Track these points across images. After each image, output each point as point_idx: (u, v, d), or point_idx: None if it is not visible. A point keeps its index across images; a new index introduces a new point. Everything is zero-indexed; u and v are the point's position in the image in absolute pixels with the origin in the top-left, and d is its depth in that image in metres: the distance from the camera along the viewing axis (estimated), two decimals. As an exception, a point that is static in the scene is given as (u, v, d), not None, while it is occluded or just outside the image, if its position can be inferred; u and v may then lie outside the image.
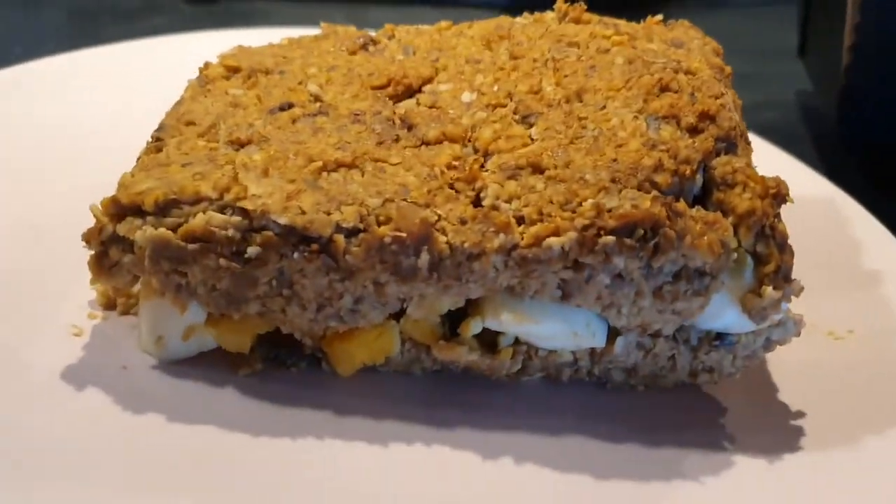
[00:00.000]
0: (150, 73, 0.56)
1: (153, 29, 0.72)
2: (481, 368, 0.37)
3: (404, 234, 0.33)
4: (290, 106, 0.40)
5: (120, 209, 0.35)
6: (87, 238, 0.35)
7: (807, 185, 0.49)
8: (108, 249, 0.35)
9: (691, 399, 0.38)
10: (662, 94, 0.38)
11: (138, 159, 0.39)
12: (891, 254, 0.45)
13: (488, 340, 0.37)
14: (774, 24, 0.83)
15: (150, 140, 0.40)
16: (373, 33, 0.48)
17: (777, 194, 0.34)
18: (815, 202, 0.49)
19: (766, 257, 0.34)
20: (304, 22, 0.79)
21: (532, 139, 0.37)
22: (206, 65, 0.45)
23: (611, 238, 0.33)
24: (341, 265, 0.34)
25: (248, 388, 0.37)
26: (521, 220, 0.34)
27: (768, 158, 0.46)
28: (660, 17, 0.47)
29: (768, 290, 0.34)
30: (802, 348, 0.38)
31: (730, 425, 0.37)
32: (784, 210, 0.37)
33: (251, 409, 0.36)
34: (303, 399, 0.36)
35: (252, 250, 0.34)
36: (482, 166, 0.36)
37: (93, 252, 0.35)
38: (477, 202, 0.35)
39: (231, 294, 0.35)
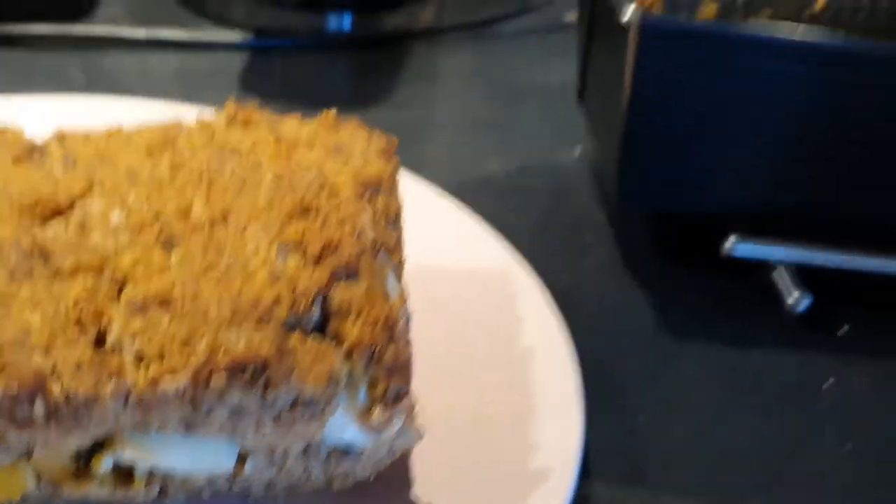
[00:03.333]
0: None
1: None
2: (118, 500, 0.38)
3: (14, 388, 0.34)
4: (-70, 236, 0.39)
5: None
6: None
7: (487, 258, 0.52)
8: None
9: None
10: (301, 217, 0.40)
11: None
12: (547, 329, 0.48)
13: (126, 470, 0.38)
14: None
15: None
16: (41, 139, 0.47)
17: (387, 322, 0.37)
18: (492, 277, 0.52)
19: (376, 381, 0.37)
20: (36, 72, 0.77)
21: (171, 268, 0.38)
22: None
23: (222, 377, 0.34)
24: (-44, 418, 0.34)
25: None
26: (143, 359, 0.35)
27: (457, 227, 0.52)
28: (333, 111, 0.49)
29: (377, 412, 0.37)
30: (444, 434, 0.42)
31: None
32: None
33: None
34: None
35: None
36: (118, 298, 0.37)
37: None
38: (101, 341, 0.36)
39: None
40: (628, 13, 0.50)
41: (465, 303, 0.50)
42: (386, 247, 0.41)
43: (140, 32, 0.84)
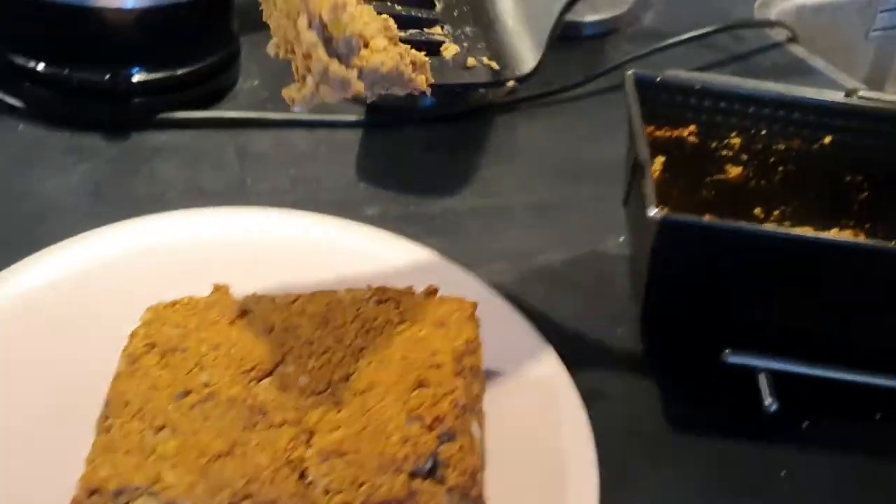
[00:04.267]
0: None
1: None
2: None
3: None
4: (189, 392, 0.63)
5: (87, 491, 0.58)
6: (74, 507, 0.59)
7: (535, 364, 0.74)
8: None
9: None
10: (419, 389, 0.63)
11: (96, 438, 0.62)
12: (578, 434, 0.70)
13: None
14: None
15: (100, 418, 0.63)
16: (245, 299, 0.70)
17: (473, 471, 0.60)
18: (537, 381, 0.73)
19: (466, 509, 0.60)
20: (200, 150, 0.99)
21: (340, 426, 0.62)
22: (134, 334, 0.67)
23: (377, 509, 0.58)
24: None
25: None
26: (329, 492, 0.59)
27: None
28: (435, 287, 0.71)
29: (465, 527, 0.60)
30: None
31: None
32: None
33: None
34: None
35: (170, 526, 0.58)
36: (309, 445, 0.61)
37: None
38: (302, 475, 0.60)
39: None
40: (652, 212, 0.70)
41: (513, 404, 0.71)
42: (472, 401, 0.64)
43: (276, 115, 1.05)
